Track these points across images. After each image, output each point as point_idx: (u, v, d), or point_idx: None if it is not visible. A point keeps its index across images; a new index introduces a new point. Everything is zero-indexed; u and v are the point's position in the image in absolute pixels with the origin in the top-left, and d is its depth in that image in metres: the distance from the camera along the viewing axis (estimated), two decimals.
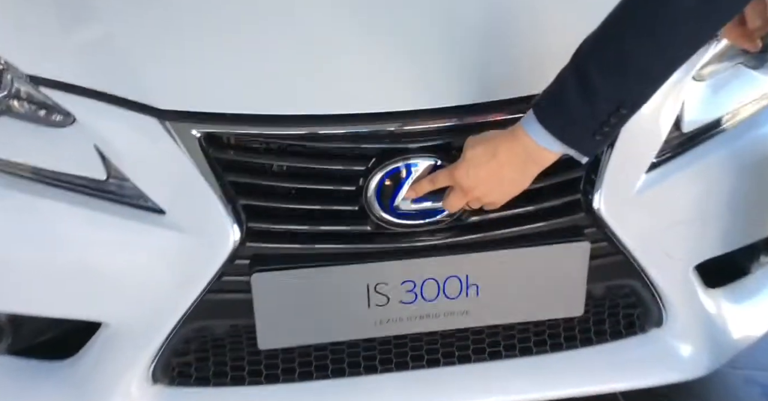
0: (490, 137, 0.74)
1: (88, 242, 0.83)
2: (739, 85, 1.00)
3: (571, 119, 0.67)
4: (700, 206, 0.95)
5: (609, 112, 0.65)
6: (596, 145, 0.70)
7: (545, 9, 0.93)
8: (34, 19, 0.90)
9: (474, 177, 0.74)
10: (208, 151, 0.79)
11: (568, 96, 0.66)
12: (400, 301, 0.86)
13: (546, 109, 0.69)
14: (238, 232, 0.80)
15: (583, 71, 0.64)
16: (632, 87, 0.65)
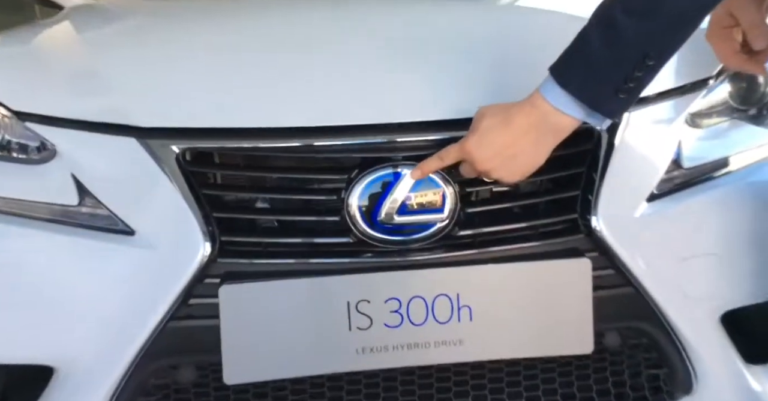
0: (504, 105, 0.70)
1: (42, 270, 0.80)
2: (738, 135, 0.99)
3: (592, 74, 0.63)
4: (714, 241, 0.88)
5: (634, 62, 0.61)
6: (619, 105, 0.65)
7: (534, 25, 0.98)
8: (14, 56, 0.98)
9: (487, 148, 0.69)
10: (185, 166, 0.78)
11: (590, 49, 0.62)
12: (385, 324, 0.78)
13: (565, 67, 0.65)
14: (209, 247, 0.76)
15: (609, 17, 0.61)
16: (661, 33, 0.61)
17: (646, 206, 0.85)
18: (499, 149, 0.69)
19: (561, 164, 0.83)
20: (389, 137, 0.79)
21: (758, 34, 0.75)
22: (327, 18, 1.00)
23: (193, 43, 0.98)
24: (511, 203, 0.83)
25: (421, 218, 0.79)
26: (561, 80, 0.65)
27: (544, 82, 0.67)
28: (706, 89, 0.94)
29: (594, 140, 0.82)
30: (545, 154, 0.71)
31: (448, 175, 0.78)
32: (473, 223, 0.81)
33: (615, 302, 0.84)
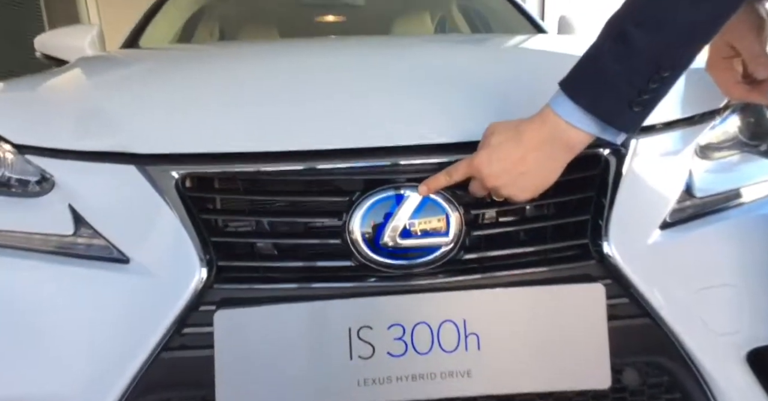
0: (514, 121, 0.68)
1: (31, 302, 0.77)
2: (750, 167, 0.97)
3: (605, 88, 0.61)
4: (730, 272, 0.84)
5: (648, 75, 0.59)
6: (634, 118, 0.63)
7: (533, 60, 0.99)
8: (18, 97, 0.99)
9: (497, 164, 0.67)
10: (184, 191, 0.77)
11: (602, 62, 0.61)
12: (388, 353, 0.74)
13: (576, 81, 0.63)
14: (205, 273, 0.74)
15: (621, 31, 0.60)
16: (674, 44, 0.59)
17: (659, 234, 0.82)
18: (509, 165, 0.68)
19: (569, 188, 0.81)
20: (391, 160, 0.78)
21: (760, 63, 0.75)
22: (328, 51, 1.02)
23: (194, 74, 1.01)
24: (518, 227, 0.81)
25: (425, 241, 0.76)
26: (572, 95, 0.63)
27: (555, 96, 0.66)
28: (714, 122, 0.94)
29: (601, 165, 0.81)
30: (557, 170, 0.69)
31: (453, 197, 0.77)
32: (479, 247, 0.79)
33: (632, 333, 0.79)
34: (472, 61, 1.04)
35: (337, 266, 0.78)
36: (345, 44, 1.13)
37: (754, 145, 0.97)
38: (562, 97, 0.64)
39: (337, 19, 2.44)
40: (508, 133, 0.68)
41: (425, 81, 0.91)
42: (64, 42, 1.68)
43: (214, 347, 0.73)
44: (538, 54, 1.18)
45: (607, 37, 0.62)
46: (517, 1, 2.25)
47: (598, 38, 0.64)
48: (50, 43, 1.70)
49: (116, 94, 0.95)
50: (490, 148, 0.68)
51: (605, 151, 0.81)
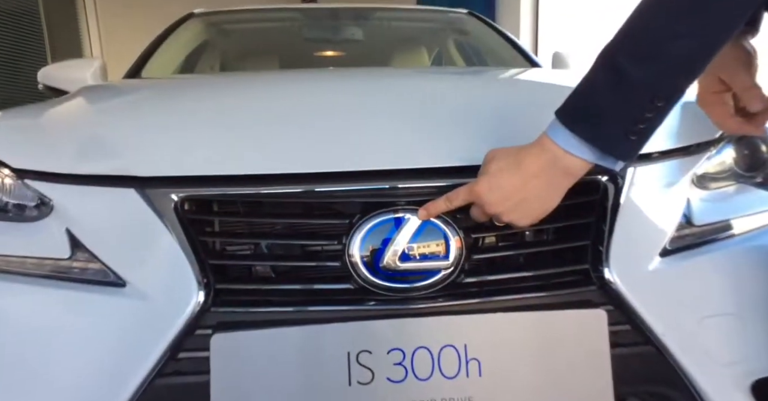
0: (513, 148, 0.69)
1: (25, 327, 0.76)
2: (748, 198, 0.98)
3: (602, 118, 0.62)
4: (730, 301, 0.84)
5: (644, 104, 0.60)
6: (631, 147, 0.64)
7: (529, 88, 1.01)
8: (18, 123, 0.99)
9: (497, 191, 0.67)
10: (183, 214, 0.77)
11: (597, 93, 0.62)
12: (388, 378, 0.72)
13: (572, 111, 0.64)
14: (202, 296, 0.74)
15: (614, 63, 0.61)
16: (668, 74, 0.60)
17: (659, 261, 0.82)
18: (509, 192, 0.68)
19: (569, 214, 0.81)
20: (390, 183, 0.78)
21: (752, 96, 0.76)
22: (327, 79, 1.04)
23: (193, 100, 1.02)
24: (519, 251, 0.81)
25: (425, 264, 0.76)
26: (569, 124, 0.64)
27: (552, 125, 0.67)
28: (710, 152, 0.95)
29: (600, 191, 0.82)
30: (558, 197, 0.70)
31: (453, 221, 0.77)
32: (480, 271, 0.78)
33: (635, 361, 0.78)
34: (469, 91, 1.06)
35: (336, 289, 0.77)
36: (344, 73, 1.15)
37: (750, 176, 0.98)
38: (559, 126, 0.65)
39: (337, 53, 2.50)
40: (508, 159, 0.69)
41: (422, 108, 0.92)
42: (67, 74, 1.70)
43: (210, 372, 0.72)
44: (533, 85, 1.21)
45: (601, 69, 0.63)
46: (512, 37, 2.30)
47: (592, 69, 0.65)
48: (54, 75, 1.72)
49: (117, 119, 0.96)
50: (489, 175, 0.69)
51: (604, 178, 0.82)
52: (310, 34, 2.39)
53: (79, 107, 1.10)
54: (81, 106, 1.11)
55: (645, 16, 0.61)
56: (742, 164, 0.98)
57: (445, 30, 2.54)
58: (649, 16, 0.60)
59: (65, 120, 1.02)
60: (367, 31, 2.39)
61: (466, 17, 2.43)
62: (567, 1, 4.18)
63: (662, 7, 0.60)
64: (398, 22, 2.50)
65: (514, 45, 2.23)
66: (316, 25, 2.40)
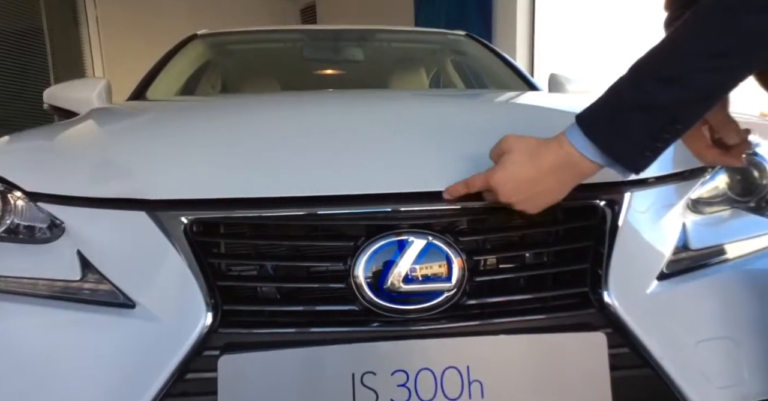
0: (530, 140, 0.73)
1: (34, 349, 0.77)
2: (743, 222, 0.99)
3: (623, 133, 0.66)
4: (727, 325, 0.86)
5: (664, 126, 0.65)
6: (644, 162, 0.68)
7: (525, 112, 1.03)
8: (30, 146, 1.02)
9: (512, 184, 0.73)
10: (192, 236, 0.78)
11: (621, 108, 0.66)
12: (391, 400, 0.74)
13: (594, 121, 0.68)
14: (210, 317, 0.75)
15: (642, 83, 0.65)
16: (692, 102, 0.64)
17: (657, 285, 0.84)
18: (524, 185, 0.73)
19: (568, 237, 0.83)
20: (395, 206, 0.80)
21: (729, 130, 0.80)
22: (330, 102, 1.05)
23: (202, 124, 1.04)
24: (520, 273, 0.82)
25: (428, 286, 0.77)
26: (589, 133, 0.68)
27: (571, 128, 0.71)
28: (704, 178, 0.97)
29: (598, 215, 0.84)
30: (565, 192, 0.75)
31: (455, 243, 0.79)
32: (481, 293, 0.80)
33: (634, 384, 0.79)
34: (470, 115, 1.08)
35: (341, 310, 0.78)
36: (346, 96, 1.18)
37: (743, 201, 1.00)
38: (579, 132, 0.69)
39: (337, 73, 2.53)
40: (526, 154, 0.73)
41: (424, 132, 0.94)
42: (72, 94, 1.72)
43: (217, 394, 0.73)
44: (533, 109, 1.24)
45: (628, 85, 0.67)
46: (509, 58, 2.35)
47: (619, 84, 0.69)
48: (59, 95, 1.74)
49: (128, 143, 0.98)
50: (507, 167, 0.73)
51: (602, 202, 0.84)
52: (311, 55, 2.42)
53: (90, 130, 1.12)
54: (92, 129, 1.13)
55: (681, 44, 0.64)
56: (735, 189, 1.00)
57: (443, 51, 2.59)
58: (686, 46, 0.64)
59: (77, 143, 1.04)
60: (367, 52, 2.43)
61: (464, 39, 2.48)
62: (562, 22, 4.25)
63: (700, 40, 0.62)
64: (398, 44, 2.54)
65: (511, 66, 2.27)
66: (317, 45, 2.44)
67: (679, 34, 0.65)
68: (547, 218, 0.84)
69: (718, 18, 0.61)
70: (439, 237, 0.78)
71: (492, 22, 4.41)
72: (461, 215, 0.82)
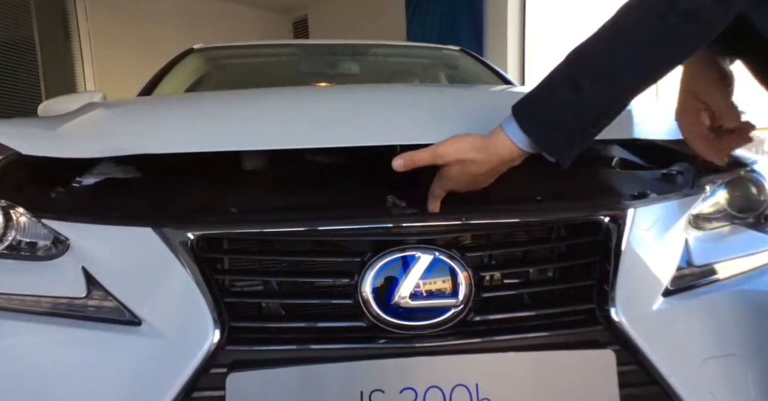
0: (479, 140, 0.76)
1: (37, 368, 0.76)
2: (746, 238, 1.00)
3: (554, 128, 0.70)
4: (734, 342, 0.86)
5: (592, 122, 0.70)
6: (571, 154, 0.72)
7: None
8: None
9: (465, 177, 0.77)
10: (199, 252, 0.78)
11: (553, 104, 0.70)
12: None
13: (529, 116, 0.72)
14: (218, 334, 0.74)
15: (575, 80, 0.69)
16: (620, 99, 0.69)
17: (662, 301, 0.84)
18: (473, 178, 0.78)
19: (573, 254, 0.83)
20: (400, 221, 0.80)
21: (729, 114, 0.82)
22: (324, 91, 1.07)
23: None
24: (526, 290, 0.83)
25: (435, 302, 0.77)
26: (524, 126, 0.72)
27: (508, 120, 0.74)
28: (705, 194, 0.98)
29: (602, 231, 0.84)
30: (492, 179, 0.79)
31: (461, 259, 0.79)
32: (489, 309, 0.80)
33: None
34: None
35: (348, 326, 0.78)
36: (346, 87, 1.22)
37: (743, 217, 1.01)
38: (514, 124, 0.73)
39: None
40: (478, 153, 0.75)
41: (408, 103, 1.00)
42: (68, 108, 1.70)
43: None
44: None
45: (561, 81, 0.71)
46: (503, 73, 2.37)
47: (552, 77, 0.72)
48: (54, 109, 1.72)
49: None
50: (463, 163, 0.76)
51: (606, 218, 0.84)
52: (306, 69, 2.43)
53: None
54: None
55: (611, 42, 0.69)
56: (735, 205, 1.01)
57: (437, 65, 2.61)
58: (616, 44, 0.68)
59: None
60: (362, 66, 2.44)
61: (458, 54, 2.50)
62: (553, 34, 4.31)
63: (628, 38, 0.67)
64: (393, 58, 2.56)
65: (505, 81, 2.30)
66: (312, 60, 2.45)
67: (610, 30, 0.69)
68: (552, 234, 0.85)
69: (648, 19, 0.65)
70: (445, 252, 0.78)
71: (483, 34, 4.45)
72: (466, 230, 0.83)
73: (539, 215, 0.84)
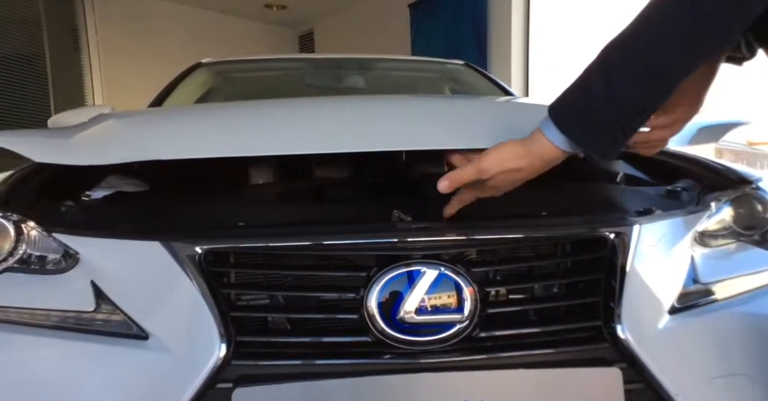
0: (520, 148, 0.75)
1: (44, 381, 0.76)
2: (752, 255, 1.00)
3: (594, 124, 0.70)
4: (742, 361, 0.85)
5: (634, 116, 0.69)
6: (615, 148, 0.71)
7: None
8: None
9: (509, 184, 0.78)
10: (207, 266, 0.78)
11: (591, 102, 0.69)
12: None
13: (567, 117, 0.71)
14: (224, 349, 0.74)
15: (609, 77, 0.68)
16: (658, 91, 0.68)
17: (668, 319, 0.84)
18: (514, 182, 0.79)
19: (578, 270, 0.83)
20: (405, 236, 0.81)
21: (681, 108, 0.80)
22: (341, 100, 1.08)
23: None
24: (532, 306, 0.83)
25: (440, 317, 0.77)
26: (563, 128, 0.71)
27: (546, 123, 0.73)
28: (711, 211, 0.98)
29: (608, 248, 0.84)
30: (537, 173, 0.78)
31: (467, 274, 0.79)
32: (494, 325, 0.80)
33: None
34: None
35: (353, 341, 0.78)
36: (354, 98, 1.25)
37: (749, 234, 1.01)
38: (553, 126, 0.72)
39: None
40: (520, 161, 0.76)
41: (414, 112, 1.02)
42: (77, 122, 1.72)
43: None
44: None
45: (596, 78, 0.70)
46: (507, 87, 2.39)
47: (586, 75, 0.71)
48: (64, 123, 1.74)
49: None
50: (509, 172, 0.77)
51: (611, 234, 0.84)
52: (312, 82, 2.46)
53: None
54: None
55: (641, 35, 0.68)
56: (740, 222, 1.01)
57: (442, 79, 2.63)
58: (647, 38, 0.67)
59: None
60: (368, 79, 2.46)
61: (462, 68, 2.52)
62: (556, 50, 4.33)
63: (660, 30, 0.66)
64: (398, 72, 2.58)
65: (508, 94, 2.31)
66: (318, 74, 2.48)
67: (639, 24, 0.68)
68: (557, 250, 0.85)
69: (680, 8, 0.64)
70: (450, 267, 0.78)
71: (487, 49, 4.47)
72: (471, 245, 0.83)
73: (544, 231, 0.84)
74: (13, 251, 0.81)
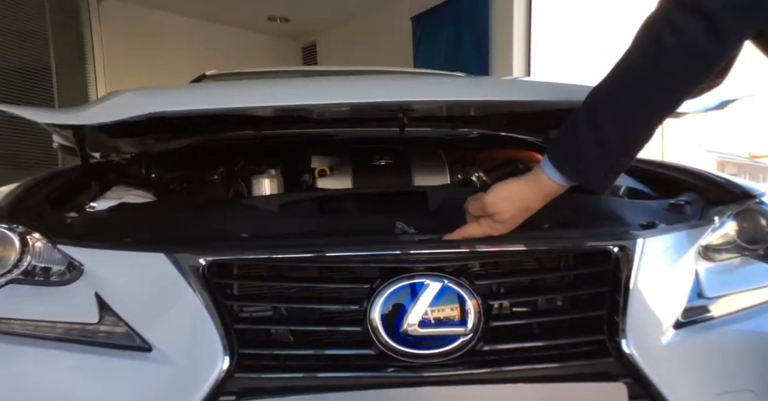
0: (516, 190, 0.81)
1: (46, 394, 0.76)
2: (756, 270, 1.00)
3: (585, 164, 0.76)
4: (748, 376, 0.85)
5: (621, 155, 0.76)
6: (608, 184, 0.79)
7: None
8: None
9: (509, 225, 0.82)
10: (210, 278, 0.78)
11: (581, 144, 0.75)
12: None
13: (559, 155, 0.78)
14: (227, 361, 0.74)
15: (596, 122, 0.74)
16: (642, 133, 0.74)
17: (674, 334, 0.84)
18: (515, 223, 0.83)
19: (582, 284, 0.83)
20: (408, 249, 0.80)
21: None
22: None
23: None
24: (536, 319, 0.82)
25: (444, 330, 0.77)
26: (557, 165, 0.78)
27: (545, 160, 0.80)
28: (715, 225, 0.98)
29: (612, 261, 0.84)
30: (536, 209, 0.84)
31: (470, 287, 0.79)
32: (498, 339, 0.80)
33: None
34: None
35: (357, 354, 0.78)
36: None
37: (753, 249, 1.01)
38: (550, 164, 0.79)
39: None
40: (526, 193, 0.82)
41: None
42: None
43: None
44: None
45: (583, 123, 0.76)
46: None
47: (576, 120, 0.77)
48: None
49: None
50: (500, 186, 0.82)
51: (614, 248, 0.84)
52: None
53: None
54: None
55: (620, 81, 0.74)
56: (744, 236, 1.01)
57: None
58: (624, 83, 0.74)
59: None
60: None
61: None
62: (559, 63, 4.35)
63: (634, 75, 0.72)
64: None
65: None
66: None
67: (620, 73, 0.74)
68: (561, 263, 0.84)
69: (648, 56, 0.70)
70: (453, 280, 0.78)
71: (489, 61, 4.50)
72: (475, 258, 0.83)
73: (547, 244, 0.84)
74: (18, 263, 0.81)
